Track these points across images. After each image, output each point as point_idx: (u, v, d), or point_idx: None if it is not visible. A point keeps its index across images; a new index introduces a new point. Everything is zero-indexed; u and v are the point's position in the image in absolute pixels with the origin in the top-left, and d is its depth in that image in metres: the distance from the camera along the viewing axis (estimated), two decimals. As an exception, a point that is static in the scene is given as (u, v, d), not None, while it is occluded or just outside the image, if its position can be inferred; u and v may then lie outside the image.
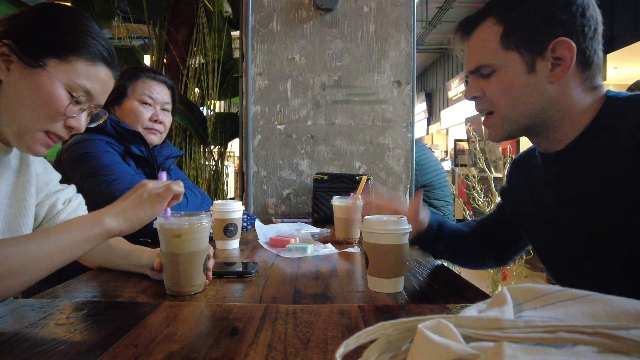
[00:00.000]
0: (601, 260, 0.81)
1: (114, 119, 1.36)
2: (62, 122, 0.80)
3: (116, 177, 1.24)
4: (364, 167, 2.05)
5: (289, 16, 2.01)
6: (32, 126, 0.77)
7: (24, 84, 0.75)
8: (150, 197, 0.77)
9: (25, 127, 0.77)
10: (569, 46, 0.77)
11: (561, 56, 0.78)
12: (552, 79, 0.79)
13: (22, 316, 0.66)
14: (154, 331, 0.60)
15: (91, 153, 1.27)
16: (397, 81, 2.04)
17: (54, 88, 0.76)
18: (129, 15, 2.84)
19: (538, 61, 0.79)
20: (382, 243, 0.79)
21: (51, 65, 0.76)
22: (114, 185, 1.22)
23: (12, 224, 0.84)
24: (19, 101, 0.76)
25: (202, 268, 0.81)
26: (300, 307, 0.71)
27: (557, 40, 0.77)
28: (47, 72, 0.76)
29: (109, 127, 1.34)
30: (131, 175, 1.28)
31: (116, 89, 1.41)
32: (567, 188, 0.85)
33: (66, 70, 0.77)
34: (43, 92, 0.76)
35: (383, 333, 0.33)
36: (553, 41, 0.77)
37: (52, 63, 0.76)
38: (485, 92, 0.86)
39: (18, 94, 0.76)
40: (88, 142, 1.29)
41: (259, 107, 2.03)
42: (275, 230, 1.40)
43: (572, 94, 0.80)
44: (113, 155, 1.30)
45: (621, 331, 0.27)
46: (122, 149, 1.36)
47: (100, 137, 1.32)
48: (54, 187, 0.96)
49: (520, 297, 0.37)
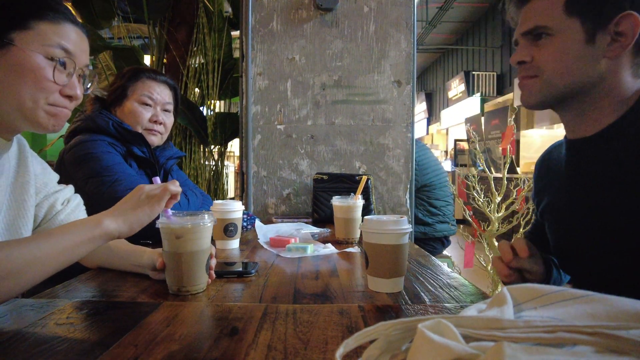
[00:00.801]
0: (614, 255, 0.79)
1: (116, 119, 1.36)
2: (57, 92, 0.78)
3: (118, 178, 1.24)
4: (364, 167, 2.05)
5: (289, 16, 2.01)
6: (32, 104, 0.76)
7: (3, 67, 0.73)
8: (147, 199, 0.78)
9: (26, 107, 0.76)
10: (635, 21, 0.74)
11: (623, 31, 0.75)
12: (608, 54, 0.77)
13: (22, 316, 0.66)
14: (154, 331, 0.60)
15: (93, 154, 1.27)
16: (397, 81, 2.04)
17: (32, 59, 0.74)
18: (129, 15, 2.84)
19: (599, 32, 0.77)
20: (382, 243, 0.79)
21: (18, 39, 0.74)
22: (115, 186, 1.22)
23: (11, 225, 0.84)
24: (6, 85, 0.74)
25: (204, 267, 0.81)
26: (300, 307, 0.71)
27: (625, 13, 0.74)
28: (17, 47, 0.73)
29: (111, 128, 1.34)
30: (132, 176, 1.28)
31: (116, 89, 1.41)
32: (589, 177, 0.82)
33: (34, 38, 0.75)
34: (24, 67, 0.74)
35: (383, 333, 0.33)
36: (620, 14, 0.75)
37: (18, 36, 0.74)
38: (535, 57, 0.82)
39: (3, 79, 0.74)
40: (90, 142, 1.29)
41: (259, 107, 2.03)
42: (275, 230, 1.40)
43: (621, 75, 0.78)
44: (115, 156, 1.30)
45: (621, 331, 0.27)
46: (125, 150, 1.36)
47: (103, 138, 1.32)
48: (53, 188, 0.97)
49: (520, 297, 0.37)
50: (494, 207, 2.55)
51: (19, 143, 0.90)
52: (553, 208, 0.93)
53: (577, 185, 0.85)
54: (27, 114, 0.76)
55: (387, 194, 2.05)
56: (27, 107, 0.76)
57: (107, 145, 1.31)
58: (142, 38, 2.96)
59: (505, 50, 9.70)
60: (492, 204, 2.56)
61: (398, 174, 2.05)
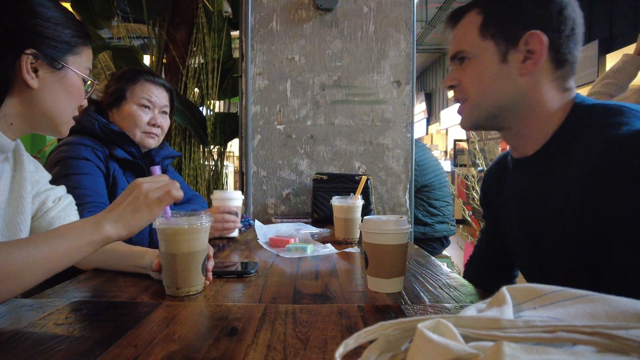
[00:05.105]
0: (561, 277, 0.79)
1: (102, 120, 1.33)
2: None
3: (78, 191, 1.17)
4: (364, 167, 2.05)
5: (288, 16, 2.01)
6: (69, 117, 0.89)
7: (59, 86, 0.84)
8: (147, 201, 0.75)
9: (66, 120, 0.88)
10: (540, 39, 0.78)
11: (533, 49, 0.79)
12: (523, 71, 0.80)
13: (21, 316, 0.66)
14: (153, 331, 0.60)
15: (67, 158, 1.23)
16: (396, 81, 2.04)
17: (79, 81, 0.87)
18: (129, 15, 2.84)
19: (511, 52, 0.81)
20: (382, 243, 0.79)
21: (70, 62, 0.85)
22: None
23: (11, 222, 0.85)
24: (57, 101, 0.85)
25: (200, 268, 0.80)
26: (299, 307, 0.71)
27: (530, 32, 0.78)
28: (70, 70, 0.85)
29: (96, 128, 1.31)
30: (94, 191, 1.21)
31: (115, 92, 1.38)
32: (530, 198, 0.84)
33: (80, 62, 0.87)
34: (74, 88, 0.86)
35: (382, 333, 0.33)
36: (526, 33, 0.79)
37: (70, 59, 0.85)
38: (461, 80, 0.87)
39: (55, 96, 0.84)
40: (70, 146, 1.26)
41: (259, 107, 2.03)
42: (275, 230, 1.40)
43: (542, 90, 0.81)
44: (88, 165, 1.25)
45: (620, 331, 0.27)
46: (107, 152, 1.32)
47: (85, 142, 1.28)
48: (44, 186, 0.97)
49: (519, 296, 0.37)
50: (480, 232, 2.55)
51: (15, 142, 0.90)
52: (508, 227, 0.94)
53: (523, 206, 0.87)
54: (60, 125, 0.88)
55: (387, 194, 2.05)
56: (66, 120, 0.88)
57: (86, 150, 1.26)
58: (142, 38, 2.96)
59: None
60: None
61: (397, 174, 2.05)
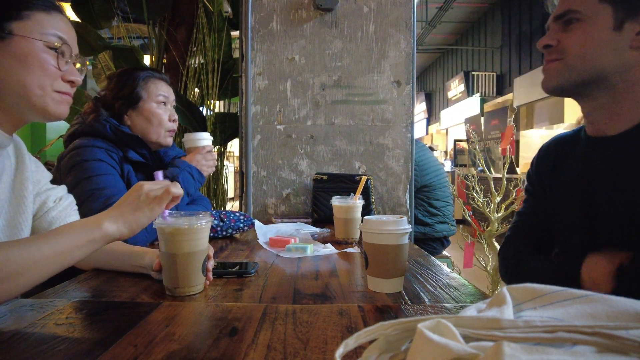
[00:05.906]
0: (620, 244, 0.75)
1: (114, 122, 1.32)
2: (60, 79, 0.80)
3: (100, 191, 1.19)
4: (364, 168, 2.05)
5: (288, 16, 2.01)
6: (40, 91, 0.77)
7: (7, 58, 0.75)
8: (147, 200, 0.76)
9: (35, 95, 0.77)
10: None
11: None
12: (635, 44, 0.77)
13: (21, 316, 0.66)
14: (153, 331, 0.60)
15: (84, 162, 1.23)
16: (396, 81, 2.04)
17: (35, 47, 0.76)
18: (129, 15, 2.84)
19: (628, 21, 0.77)
20: (382, 243, 0.79)
21: (17, 29, 0.75)
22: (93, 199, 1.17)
23: (12, 221, 0.85)
24: (12, 76, 0.75)
25: (200, 269, 0.81)
26: (299, 307, 0.71)
27: None
28: (18, 36, 0.75)
29: (108, 131, 1.31)
30: (118, 189, 1.23)
31: (129, 94, 1.36)
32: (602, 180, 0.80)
33: (32, 28, 0.76)
34: (29, 56, 0.75)
35: (382, 333, 0.33)
36: None
37: (16, 26, 0.75)
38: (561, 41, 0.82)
39: (8, 70, 0.75)
40: (85, 148, 1.26)
41: (259, 107, 2.03)
42: (275, 230, 1.40)
43: None
44: (105, 165, 1.26)
45: (620, 331, 0.27)
46: (121, 154, 1.33)
47: (99, 144, 1.28)
48: (45, 186, 0.97)
49: (519, 296, 0.37)
50: (493, 207, 2.55)
51: (15, 141, 0.90)
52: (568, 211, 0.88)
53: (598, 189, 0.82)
54: (35, 103, 0.78)
55: (387, 194, 2.05)
56: (36, 95, 0.77)
57: (101, 152, 1.27)
58: (142, 38, 2.96)
59: (504, 51, 9.70)
60: (491, 204, 2.56)
61: (398, 174, 2.05)
